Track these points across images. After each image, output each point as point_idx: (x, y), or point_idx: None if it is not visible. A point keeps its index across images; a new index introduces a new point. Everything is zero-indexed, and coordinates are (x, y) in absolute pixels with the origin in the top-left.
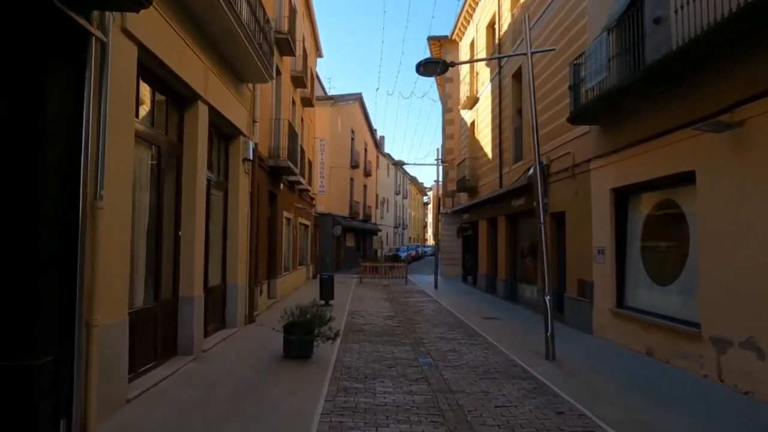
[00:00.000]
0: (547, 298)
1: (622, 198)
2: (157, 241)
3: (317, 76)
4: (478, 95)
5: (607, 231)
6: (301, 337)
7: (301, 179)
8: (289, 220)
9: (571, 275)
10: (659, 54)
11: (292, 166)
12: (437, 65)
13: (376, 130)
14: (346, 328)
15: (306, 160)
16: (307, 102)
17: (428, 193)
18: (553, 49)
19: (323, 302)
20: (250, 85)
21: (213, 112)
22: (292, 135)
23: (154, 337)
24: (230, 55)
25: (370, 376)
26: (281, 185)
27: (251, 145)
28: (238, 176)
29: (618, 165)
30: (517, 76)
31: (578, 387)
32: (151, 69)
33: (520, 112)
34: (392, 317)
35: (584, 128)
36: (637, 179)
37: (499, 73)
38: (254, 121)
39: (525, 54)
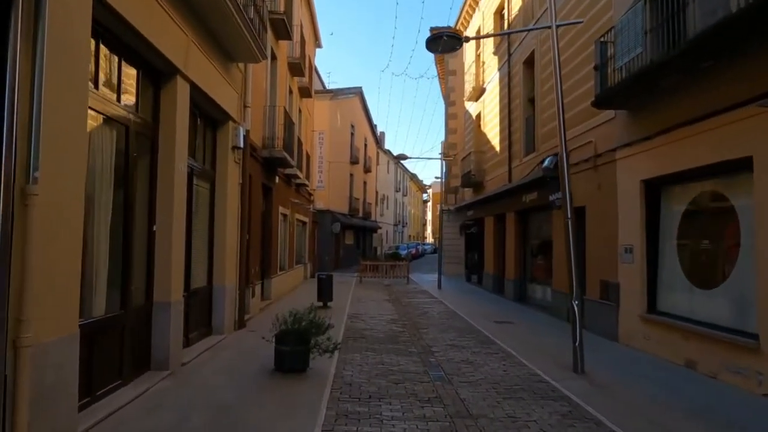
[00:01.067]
0: (576, 303)
1: (655, 191)
2: (125, 238)
3: (316, 69)
4: (484, 86)
5: (636, 227)
6: (294, 349)
7: (298, 173)
8: (285, 216)
9: (591, 276)
10: (715, 18)
11: (287, 157)
12: (451, 41)
13: (376, 125)
14: (346, 334)
15: (303, 153)
16: (305, 92)
17: (428, 191)
18: (581, 22)
19: (321, 304)
20: (241, 66)
21: (196, 91)
22: (289, 125)
23: (120, 351)
24: (216, 26)
25: (375, 395)
26: (276, 178)
27: (242, 131)
28: (226, 166)
29: (651, 154)
30: (529, 62)
31: (622, 410)
32: (115, 32)
33: (532, 101)
34: (396, 321)
35: (609, 114)
36: (674, 169)
37: (509, 61)
38: (245, 106)
39: (549, 27)
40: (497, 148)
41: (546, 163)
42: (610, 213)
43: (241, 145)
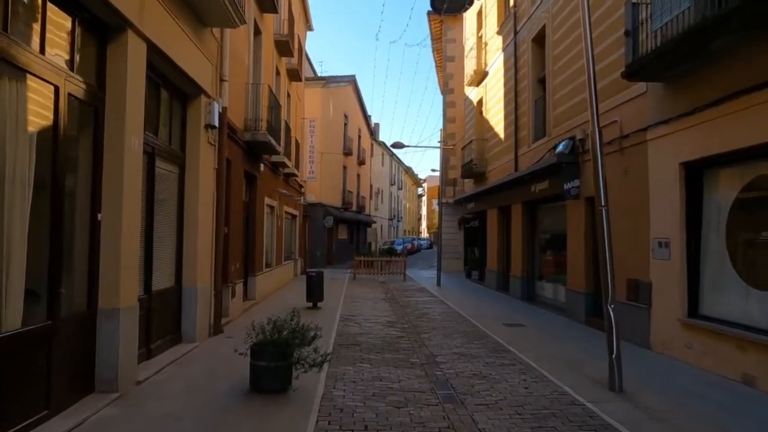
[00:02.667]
0: (611, 307)
1: (696, 175)
2: (54, 230)
3: (307, 56)
4: (486, 69)
5: (674, 218)
6: (273, 364)
7: (286, 161)
8: (272, 208)
9: (616, 274)
10: None
11: (272, 141)
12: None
13: (370, 116)
14: (338, 341)
15: (292, 140)
16: (294, 75)
17: (423, 185)
18: None
19: (311, 305)
20: (216, 34)
21: (156, 54)
22: (275, 107)
23: (47, 372)
24: None
25: (373, 425)
26: (262, 166)
27: (216, 108)
28: (198, 147)
29: (692, 132)
30: (539, 39)
31: None
32: None
33: (542, 82)
34: (394, 324)
35: (639, 88)
36: (723, 148)
37: (515, 39)
38: (222, 80)
39: None
40: (501, 135)
41: (560, 147)
42: (639, 202)
43: (216, 123)
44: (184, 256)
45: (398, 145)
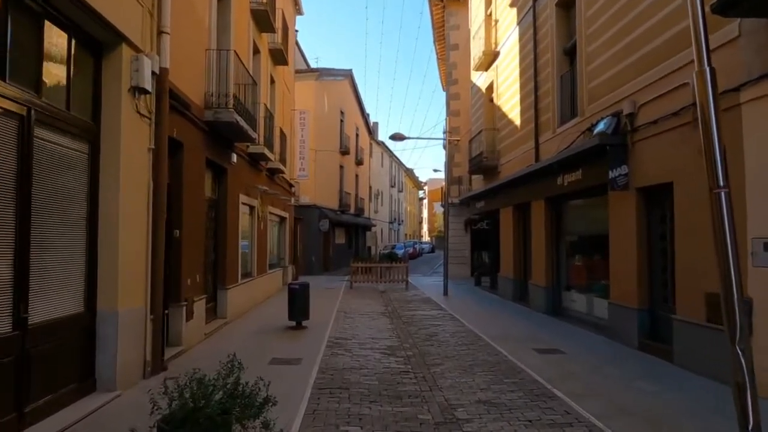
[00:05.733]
0: (740, 349)
1: None
2: None
3: (299, 46)
4: (497, 49)
5: None
6: None
7: (267, 152)
8: (251, 208)
9: (685, 285)
10: None
11: (243, 124)
12: None
13: (368, 114)
14: (319, 382)
15: (277, 130)
16: (279, 57)
17: (424, 188)
18: None
19: (294, 323)
20: None
21: None
22: (250, 85)
23: None
24: None
25: None
26: (234, 156)
27: (148, 65)
28: (119, 118)
29: None
30: (565, 2)
31: None
32: None
33: (570, 53)
34: (395, 350)
35: (728, 32)
36: None
37: (534, 8)
38: (161, 32)
39: None
40: (517, 122)
41: (601, 126)
42: (729, 189)
43: (149, 87)
44: (100, 269)
45: (398, 137)
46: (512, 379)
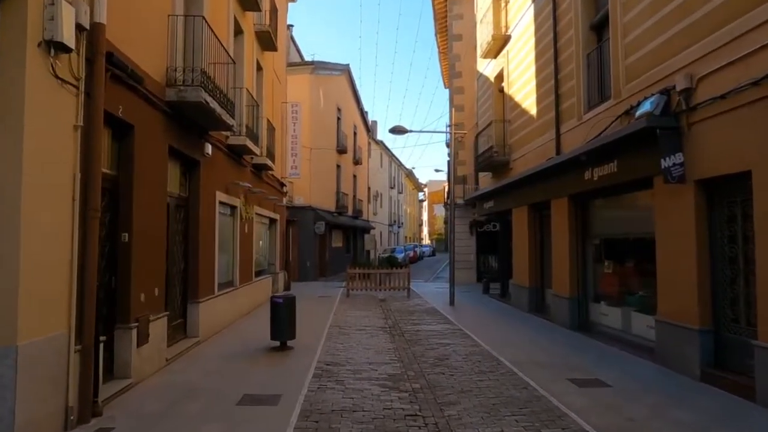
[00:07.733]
0: None
1: None
2: None
3: (293, 39)
4: (509, 32)
5: None
6: None
7: (250, 144)
8: (232, 207)
9: None
10: None
11: (213, 104)
12: None
13: (367, 112)
14: None
15: (264, 121)
16: (267, 42)
17: (424, 189)
18: None
19: (278, 343)
20: None
21: None
22: (227, 64)
23: None
24: None
25: None
26: (209, 147)
27: (70, 12)
28: (23, 81)
29: None
30: None
31: None
32: None
33: (597, 27)
34: (398, 381)
35: None
36: None
37: None
38: None
39: None
40: (533, 111)
41: (648, 106)
42: None
43: (70, 42)
44: None
45: (399, 130)
46: (553, 430)
